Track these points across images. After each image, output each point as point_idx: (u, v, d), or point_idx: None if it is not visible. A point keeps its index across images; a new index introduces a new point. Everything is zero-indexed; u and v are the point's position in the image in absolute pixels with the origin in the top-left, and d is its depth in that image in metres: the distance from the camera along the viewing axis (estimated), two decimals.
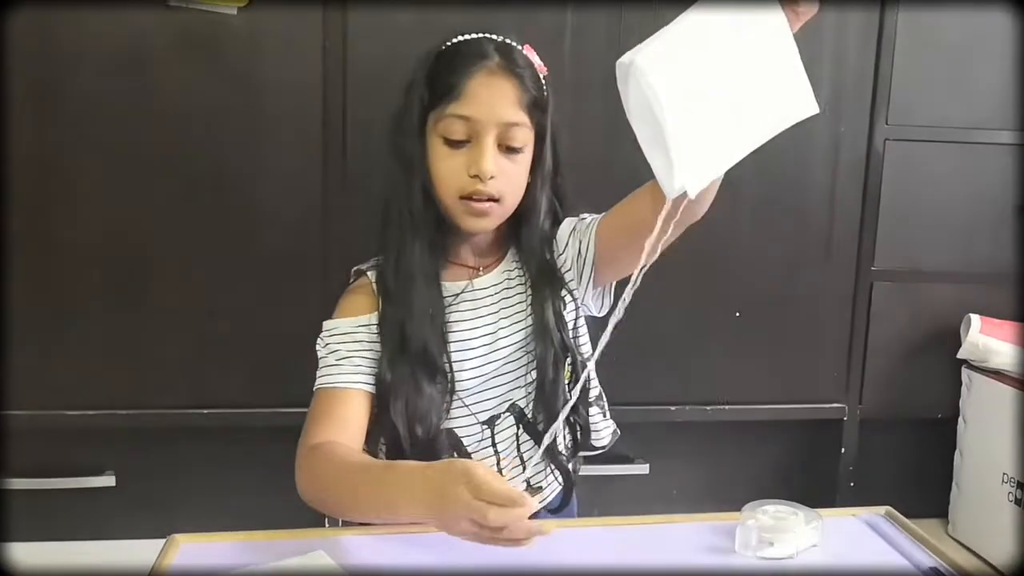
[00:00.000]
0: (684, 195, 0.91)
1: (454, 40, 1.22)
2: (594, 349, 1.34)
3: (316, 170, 1.76)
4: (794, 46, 0.91)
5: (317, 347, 1.22)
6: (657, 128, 0.89)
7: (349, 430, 1.17)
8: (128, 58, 1.67)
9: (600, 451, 1.34)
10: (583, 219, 1.31)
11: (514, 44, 1.22)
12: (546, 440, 1.01)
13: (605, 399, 1.36)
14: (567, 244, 1.30)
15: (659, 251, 1.16)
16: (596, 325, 1.37)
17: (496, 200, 1.19)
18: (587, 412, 1.31)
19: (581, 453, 1.34)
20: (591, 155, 1.79)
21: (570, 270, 1.29)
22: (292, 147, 1.74)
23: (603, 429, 1.34)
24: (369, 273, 1.27)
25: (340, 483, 1.09)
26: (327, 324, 1.24)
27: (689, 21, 0.90)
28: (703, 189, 0.93)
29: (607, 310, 1.33)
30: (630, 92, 0.91)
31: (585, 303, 1.30)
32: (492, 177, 1.16)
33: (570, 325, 1.27)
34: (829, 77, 1.89)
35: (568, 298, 1.28)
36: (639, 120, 0.92)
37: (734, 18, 0.90)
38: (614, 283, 1.32)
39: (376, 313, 1.22)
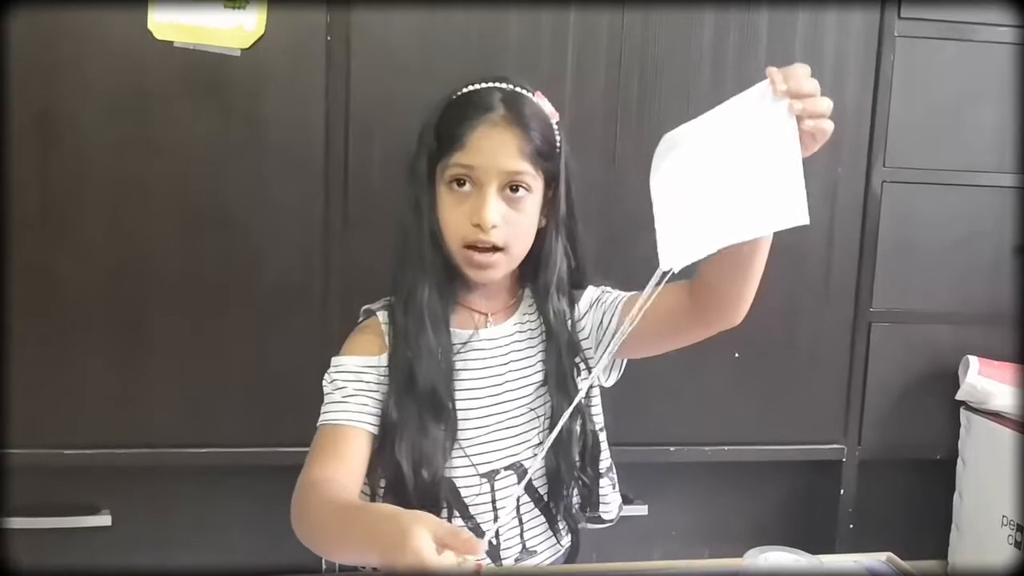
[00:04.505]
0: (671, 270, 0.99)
1: (464, 90, 1.22)
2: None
3: (317, 209, 1.76)
4: (799, 157, 0.97)
5: (324, 383, 1.22)
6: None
7: (349, 468, 1.16)
8: (132, 96, 1.68)
9: (608, 524, 1.34)
10: (607, 292, 1.32)
11: (524, 92, 1.21)
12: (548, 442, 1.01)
13: (615, 471, 1.36)
14: (588, 312, 1.30)
15: (684, 343, 1.23)
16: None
17: (501, 249, 1.19)
18: (598, 483, 1.31)
19: (588, 525, 1.34)
20: (593, 186, 1.80)
21: (588, 338, 1.30)
22: (293, 185, 1.75)
23: (612, 502, 1.35)
24: (379, 313, 1.27)
25: (324, 521, 1.08)
26: (335, 360, 1.23)
27: (712, 115, 0.98)
28: (733, 298, 1.16)
29: (614, 382, 1.35)
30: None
31: (596, 373, 1.30)
32: (494, 227, 1.16)
33: (583, 390, 1.27)
34: None
35: (582, 365, 1.29)
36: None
37: (750, 120, 0.97)
38: (625, 363, 1.34)
39: (385, 355, 1.22)
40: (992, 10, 1.95)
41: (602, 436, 1.33)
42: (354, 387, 1.20)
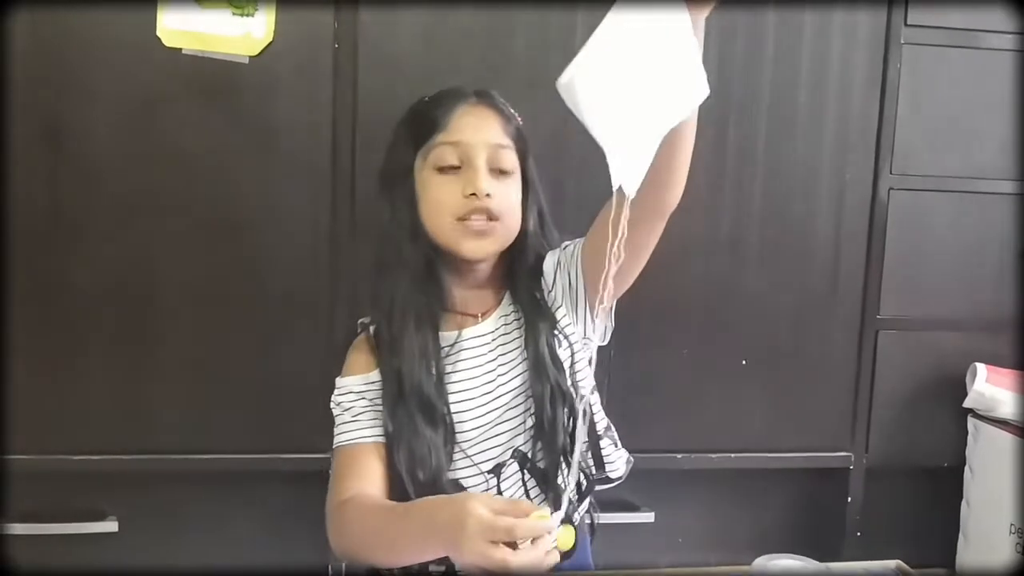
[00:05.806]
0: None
1: (432, 94, 1.29)
2: (597, 389, 1.35)
3: (324, 216, 1.76)
4: (692, 35, 0.97)
5: (331, 406, 1.25)
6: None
7: (373, 482, 1.18)
8: (139, 104, 1.68)
9: (618, 482, 1.34)
10: (565, 248, 1.32)
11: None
12: (571, 481, 1.02)
13: (613, 429, 1.36)
14: (554, 279, 1.30)
15: (649, 249, 1.19)
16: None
17: (495, 220, 1.21)
18: (598, 446, 1.30)
19: (598, 487, 1.33)
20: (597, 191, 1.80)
21: (561, 305, 1.29)
22: (301, 193, 1.75)
23: (616, 460, 1.34)
24: (371, 328, 1.29)
25: (372, 529, 1.10)
26: (339, 382, 1.26)
27: (606, 27, 0.94)
28: (664, 186, 1.11)
29: (609, 335, 1.33)
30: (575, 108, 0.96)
31: (587, 335, 1.30)
32: (488, 195, 1.19)
33: (567, 364, 1.27)
34: (833, 126, 1.91)
35: (561, 336, 1.28)
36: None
37: (642, 17, 0.94)
38: (614, 307, 1.31)
39: (377, 370, 1.24)
40: (999, 16, 1.94)
41: (594, 398, 1.32)
42: (360, 405, 1.23)
